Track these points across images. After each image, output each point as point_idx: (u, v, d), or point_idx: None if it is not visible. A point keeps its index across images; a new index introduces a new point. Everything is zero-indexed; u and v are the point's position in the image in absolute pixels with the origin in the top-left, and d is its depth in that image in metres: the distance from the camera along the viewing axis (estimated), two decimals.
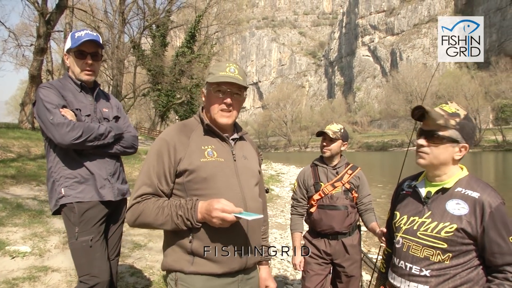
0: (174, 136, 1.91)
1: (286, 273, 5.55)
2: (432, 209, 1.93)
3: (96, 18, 31.32)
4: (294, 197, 3.60)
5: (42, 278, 4.12)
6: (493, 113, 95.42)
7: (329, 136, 3.38)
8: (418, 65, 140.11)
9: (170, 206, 1.78)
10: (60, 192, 2.66)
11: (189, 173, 1.83)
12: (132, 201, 1.84)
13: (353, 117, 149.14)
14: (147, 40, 36.98)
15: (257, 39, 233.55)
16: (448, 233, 1.82)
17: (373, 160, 52.11)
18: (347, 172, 3.47)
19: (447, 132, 1.87)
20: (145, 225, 1.84)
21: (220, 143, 1.97)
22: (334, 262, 3.45)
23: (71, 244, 2.68)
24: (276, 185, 16.53)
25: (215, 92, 1.92)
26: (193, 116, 2.09)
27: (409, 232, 1.98)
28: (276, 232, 8.12)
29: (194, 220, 1.75)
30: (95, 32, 2.91)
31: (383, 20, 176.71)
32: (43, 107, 2.61)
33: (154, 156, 1.88)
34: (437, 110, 1.92)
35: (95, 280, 2.61)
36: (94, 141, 2.66)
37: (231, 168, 1.93)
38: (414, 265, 1.91)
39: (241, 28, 47.11)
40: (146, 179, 1.86)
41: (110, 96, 3.11)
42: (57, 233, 5.51)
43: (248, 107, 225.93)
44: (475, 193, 1.85)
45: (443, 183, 1.95)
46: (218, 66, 1.98)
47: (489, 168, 31.91)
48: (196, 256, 1.81)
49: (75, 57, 2.78)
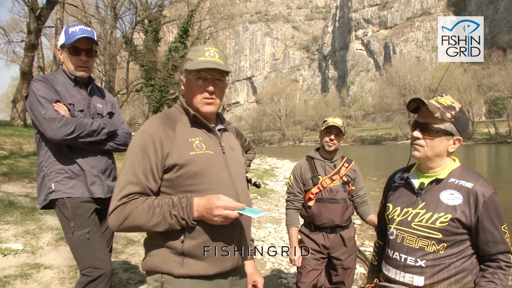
0: (158, 128, 1.74)
1: (280, 267, 5.55)
2: (426, 200, 1.94)
3: (88, 14, 31.00)
4: (290, 191, 3.56)
5: (35, 276, 4.09)
6: (486, 106, 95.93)
7: (338, 130, 3.36)
8: (411, 58, 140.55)
9: (162, 205, 1.64)
10: (50, 187, 2.64)
11: (178, 168, 1.70)
12: (116, 202, 1.65)
13: (347, 111, 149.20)
14: (139, 35, 36.68)
15: (250, 33, 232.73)
16: (443, 223, 1.84)
17: (367, 153, 52.27)
18: (343, 165, 3.47)
19: (443, 125, 1.88)
20: (133, 228, 1.67)
21: (207, 134, 1.85)
22: (331, 256, 3.45)
23: (68, 239, 2.67)
24: (270, 180, 16.53)
25: (196, 79, 1.79)
26: (174, 106, 1.93)
27: (403, 223, 1.98)
28: (271, 226, 8.11)
29: (190, 219, 1.63)
30: (89, 28, 2.88)
31: (376, 14, 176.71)
32: (36, 101, 2.60)
33: (138, 152, 1.71)
34: (433, 102, 1.92)
35: (99, 271, 2.59)
36: (87, 137, 2.64)
37: (221, 161, 1.82)
38: (409, 256, 1.92)
39: (234, 23, 46.91)
40: (131, 177, 1.68)
41: (104, 91, 3.09)
42: (49, 230, 5.46)
43: (242, 102, 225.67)
44: (468, 183, 1.87)
45: (436, 174, 1.96)
46: (197, 50, 1.83)
47: (482, 160, 32.12)
48: (186, 257, 1.69)
49: (69, 53, 2.76)
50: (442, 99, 1.95)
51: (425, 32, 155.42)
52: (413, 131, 1.96)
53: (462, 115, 1.92)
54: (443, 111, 1.88)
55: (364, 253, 6.17)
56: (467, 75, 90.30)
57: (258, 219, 8.73)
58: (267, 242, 6.93)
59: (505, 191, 13.96)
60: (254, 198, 11.54)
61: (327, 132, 3.39)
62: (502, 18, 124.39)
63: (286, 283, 4.99)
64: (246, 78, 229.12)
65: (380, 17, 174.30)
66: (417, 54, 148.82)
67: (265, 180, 15.96)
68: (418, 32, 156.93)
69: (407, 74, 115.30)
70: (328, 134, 3.38)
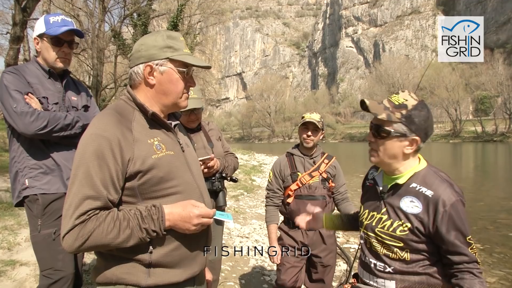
0: (115, 131, 1.50)
1: (264, 264, 5.52)
2: (387, 205, 1.86)
3: (75, 6, 30.56)
4: (270, 188, 3.53)
5: (9, 273, 4.00)
6: (473, 105, 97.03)
7: (315, 126, 3.31)
8: (401, 56, 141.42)
9: (129, 218, 1.46)
10: (24, 183, 2.56)
11: (142, 175, 1.51)
12: (72, 221, 1.41)
13: (336, 108, 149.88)
14: (128, 29, 36.30)
15: (240, 29, 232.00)
16: (402, 232, 1.77)
17: (356, 150, 52.51)
18: (323, 161, 3.44)
19: (392, 127, 1.76)
20: (96, 247, 1.46)
21: (166, 133, 1.68)
22: (311, 253, 3.42)
23: (33, 237, 2.60)
24: (258, 176, 16.50)
25: (180, 73, 1.64)
26: (122, 99, 1.68)
27: (368, 227, 1.93)
28: (256, 223, 8.09)
29: (162, 230, 1.50)
30: (70, 18, 2.81)
31: (366, 12, 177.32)
32: (7, 94, 2.50)
33: (93, 160, 1.44)
34: (384, 102, 1.82)
35: (59, 274, 2.53)
36: (61, 131, 2.56)
37: (182, 161, 1.68)
38: (378, 262, 1.87)
39: (225, 18, 46.61)
40: (89, 190, 1.43)
41: (80, 84, 3.01)
42: (28, 226, 5.32)
43: (231, 98, 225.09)
44: (429, 191, 1.75)
45: (398, 177, 1.85)
46: (174, 38, 1.66)
47: (468, 158, 32.47)
48: (154, 267, 1.54)
49: (51, 44, 2.67)
50: (396, 97, 1.82)
51: (415, 31, 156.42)
52: (368, 135, 1.88)
53: (417, 112, 1.76)
54: (392, 111, 1.76)
55: (344, 251, 6.16)
56: (455, 74, 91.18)
57: (244, 216, 8.70)
58: (252, 238, 6.90)
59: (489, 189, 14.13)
60: (240, 195, 11.50)
61: (304, 128, 3.35)
62: (490, 18, 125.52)
63: (269, 280, 4.96)
64: (236, 74, 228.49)
65: (370, 15, 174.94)
66: (406, 52, 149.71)
67: (252, 176, 15.93)
68: (407, 31, 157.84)
69: (396, 72, 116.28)
70: (305, 130, 3.35)
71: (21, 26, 18.10)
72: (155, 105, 1.67)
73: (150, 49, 1.63)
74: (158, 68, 1.62)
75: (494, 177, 19.66)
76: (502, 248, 7.28)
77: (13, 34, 18.36)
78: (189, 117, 3.18)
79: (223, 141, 3.56)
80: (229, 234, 7.03)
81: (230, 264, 5.37)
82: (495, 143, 66.44)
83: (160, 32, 1.66)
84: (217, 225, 3.21)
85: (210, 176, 3.16)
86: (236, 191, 11.81)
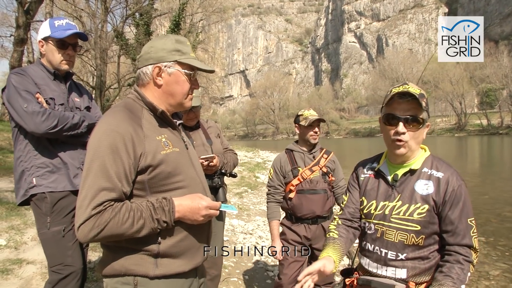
0: (127, 127, 1.59)
1: (267, 260, 5.56)
2: (402, 192, 1.91)
3: (78, 8, 30.68)
4: (271, 184, 3.58)
5: (16, 271, 4.07)
6: (478, 98, 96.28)
7: (319, 121, 3.44)
8: (404, 50, 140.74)
9: (142, 209, 1.55)
10: (31, 181, 2.62)
11: (152, 169, 1.61)
12: (89, 211, 1.48)
13: (340, 104, 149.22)
14: (130, 29, 36.38)
15: (243, 27, 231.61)
16: (420, 215, 1.84)
17: (361, 146, 52.35)
18: (323, 156, 3.50)
19: (423, 115, 1.85)
20: (110, 237, 1.53)
21: (172, 131, 1.78)
22: (313, 247, 3.47)
23: (41, 234, 2.65)
24: (262, 173, 16.51)
25: (186, 75, 1.75)
26: (130, 98, 1.77)
27: (381, 217, 1.96)
28: (260, 219, 8.12)
29: (172, 221, 1.60)
30: (73, 21, 2.89)
31: (368, 6, 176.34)
32: (16, 94, 2.56)
33: (108, 154, 1.53)
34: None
35: (69, 269, 2.59)
36: (69, 130, 2.64)
37: (187, 158, 1.79)
38: (390, 251, 1.91)
39: (227, 16, 46.56)
40: (105, 182, 1.51)
41: (81, 86, 3.10)
42: (34, 225, 5.38)
43: (235, 96, 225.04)
44: (439, 173, 1.88)
45: (410, 164, 1.93)
46: (182, 43, 1.77)
47: (473, 152, 32.33)
48: (162, 258, 1.64)
49: (56, 47, 2.74)
50: (412, 88, 1.84)
51: (418, 24, 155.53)
52: (397, 126, 1.84)
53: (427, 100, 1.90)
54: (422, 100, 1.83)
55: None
56: (459, 67, 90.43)
57: (248, 212, 8.75)
58: (255, 235, 6.94)
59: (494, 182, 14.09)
60: (244, 192, 11.54)
61: (310, 126, 3.43)
62: (494, 10, 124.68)
63: (272, 275, 5.01)
64: (239, 71, 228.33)
65: (373, 10, 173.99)
66: (410, 46, 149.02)
67: (256, 173, 15.97)
68: (410, 24, 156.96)
69: (399, 66, 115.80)
70: (311, 128, 3.43)
71: (24, 28, 18.24)
72: (162, 104, 1.76)
73: (159, 51, 1.72)
74: (166, 69, 1.72)
75: (499, 170, 19.56)
76: (507, 241, 7.28)
77: (17, 36, 18.52)
78: (187, 115, 3.26)
79: (222, 138, 3.62)
80: (233, 230, 7.09)
81: (234, 260, 5.42)
82: (501, 136, 66.03)
83: (169, 36, 1.77)
84: (217, 220, 3.27)
85: (210, 173, 3.22)
86: (240, 188, 11.86)
